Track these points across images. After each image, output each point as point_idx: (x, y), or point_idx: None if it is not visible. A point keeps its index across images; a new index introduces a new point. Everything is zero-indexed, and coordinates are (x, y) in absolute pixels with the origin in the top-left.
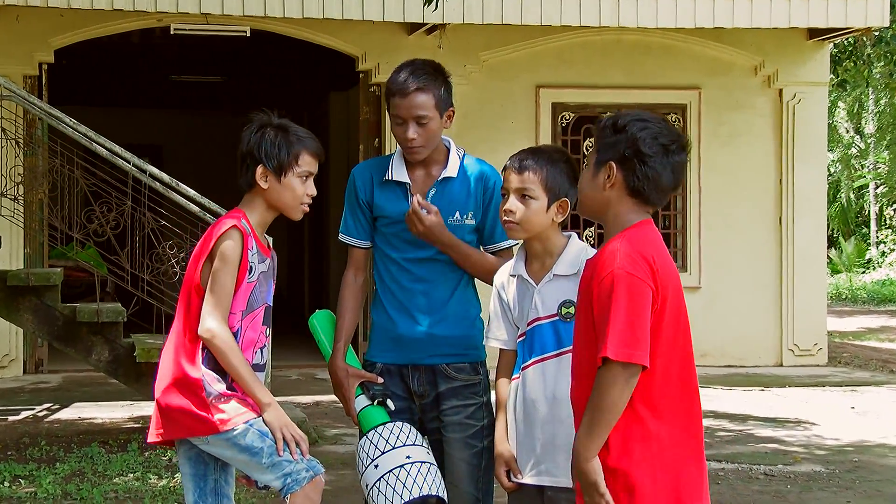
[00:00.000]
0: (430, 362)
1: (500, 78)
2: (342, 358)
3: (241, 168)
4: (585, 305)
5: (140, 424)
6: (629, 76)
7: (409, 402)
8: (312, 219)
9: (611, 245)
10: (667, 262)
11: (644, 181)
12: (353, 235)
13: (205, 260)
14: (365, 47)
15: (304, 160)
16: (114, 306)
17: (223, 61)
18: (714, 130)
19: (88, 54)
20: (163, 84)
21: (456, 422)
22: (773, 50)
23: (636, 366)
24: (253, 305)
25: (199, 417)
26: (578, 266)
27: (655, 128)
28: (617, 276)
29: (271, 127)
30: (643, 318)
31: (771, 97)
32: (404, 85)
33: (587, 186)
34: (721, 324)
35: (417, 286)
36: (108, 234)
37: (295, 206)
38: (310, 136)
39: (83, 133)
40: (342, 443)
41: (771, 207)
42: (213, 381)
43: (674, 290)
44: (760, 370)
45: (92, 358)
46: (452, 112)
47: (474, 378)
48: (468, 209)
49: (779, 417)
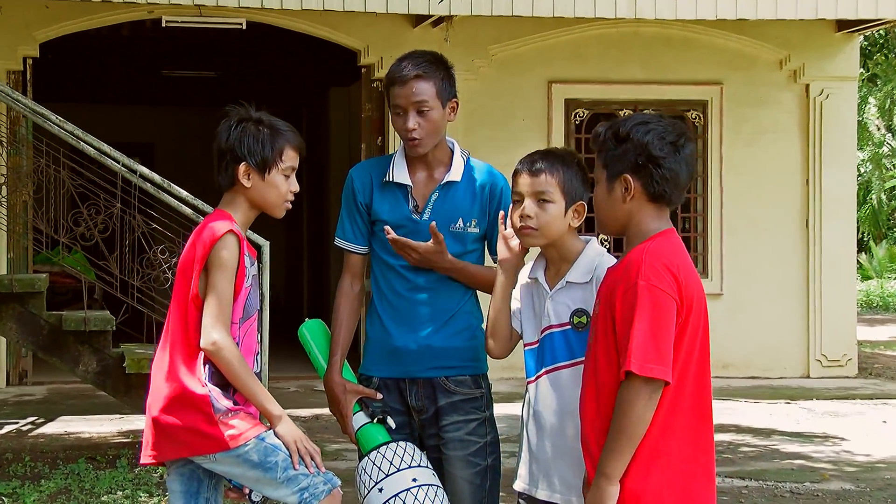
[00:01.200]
0: (429, 375)
1: (510, 73)
2: (338, 372)
3: (219, 166)
4: (605, 317)
5: (130, 439)
6: (647, 71)
7: (408, 418)
8: (312, 221)
9: (634, 255)
10: (691, 273)
11: (664, 184)
12: (350, 240)
13: (201, 268)
14: (367, 40)
15: (287, 155)
16: (102, 314)
17: (218, 55)
18: (737, 128)
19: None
20: (154, 80)
21: (457, 438)
22: (799, 43)
23: (659, 381)
24: (249, 312)
25: (208, 435)
26: (592, 273)
27: (658, 127)
28: (641, 288)
29: (251, 121)
30: (667, 331)
31: (797, 93)
32: (403, 72)
33: (604, 205)
34: (744, 333)
35: (416, 295)
36: (96, 237)
37: (279, 204)
38: (291, 129)
39: (70, 131)
40: (343, 458)
41: (797, 210)
42: (220, 397)
43: (698, 304)
44: (786, 382)
45: (79, 369)
46: (456, 104)
47: (476, 392)
48: (472, 216)
49: (806, 432)
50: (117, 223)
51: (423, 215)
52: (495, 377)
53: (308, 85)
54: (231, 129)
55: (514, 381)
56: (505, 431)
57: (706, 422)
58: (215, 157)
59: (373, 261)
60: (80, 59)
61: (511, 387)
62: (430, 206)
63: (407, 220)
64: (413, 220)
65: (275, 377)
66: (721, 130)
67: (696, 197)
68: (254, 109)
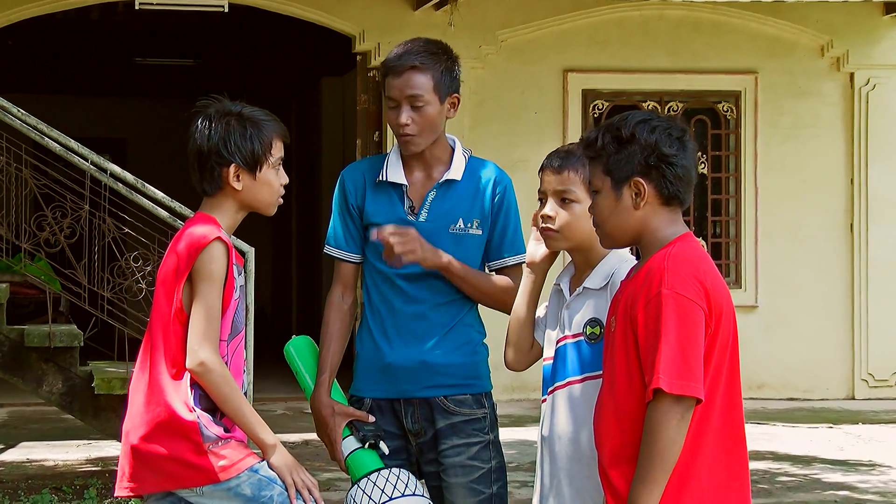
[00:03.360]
0: (426, 395)
1: (522, 60)
2: (327, 393)
3: (201, 170)
4: (625, 333)
5: (99, 467)
6: (673, 58)
7: (404, 442)
8: (301, 226)
9: (654, 263)
10: (718, 280)
11: (677, 184)
12: (342, 247)
13: (185, 279)
14: (363, 25)
15: (276, 147)
16: (69, 329)
17: (197, 42)
18: (773, 122)
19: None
20: (126, 68)
21: (458, 464)
22: (842, 27)
23: (690, 399)
24: (238, 328)
25: (196, 466)
26: (608, 279)
27: (662, 123)
28: (665, 297)
29: (232, 116)
30: (696, 344)
31: (840, 82)
32: (398, 62)
33: (611, 215)
34: (782, 349)
35: (412, 308)
36: (62, 243)
37: (272, 201)
38: (273, 117)
39: (33, 125)
40: (337, 488)
41: (840, 212)
42: (210, 423)
43: (727, 313)
44: (828, 404)
45: (43, 389)
46: (457, 99)
47: (478, 412)
48: (473, 216)
49: (850, 460)
50: (85, 227)
51: (419, 216)
52: (504, 398)
53: (297, 74)
54: (212, 128)
55: (525, 402)
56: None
57: (739, 445)
58: (195, 162)
59: (365, 270)
60: (44, 46)
61: (522, 409)
62: (427, 206)
63: (401, 222)
64: (408, 222)
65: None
66: (756, 124)
67: (729, 198)
68: (229, 101)
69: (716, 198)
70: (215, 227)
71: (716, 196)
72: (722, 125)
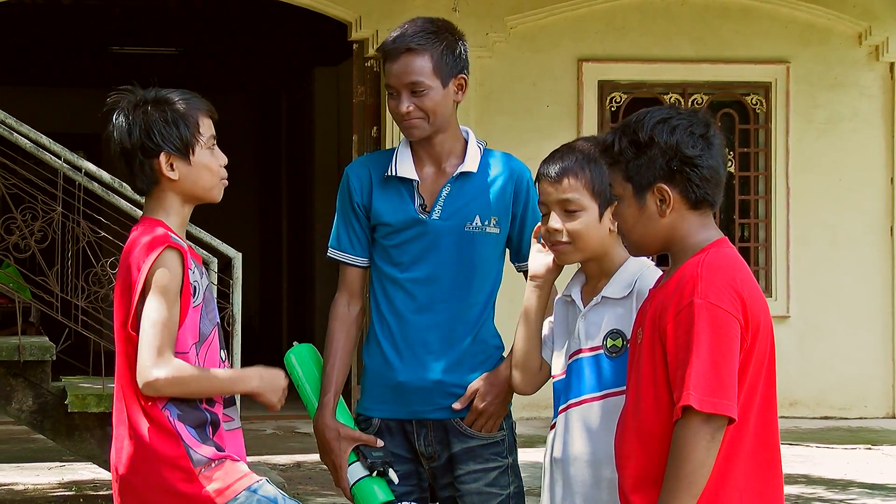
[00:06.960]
0: (440, 416)
1: (533, 49)
2: (331, 415)
3: (131, 168)
4: (652, 345)
5: (73, 491)
6: (698, 47)
7: (415, 465)
8: (292, 230)
9: (687, 270)
10: (755, 290)
11: (705, 186)
12: (346, 250)
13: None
14: (360, 10)
15: (204, 125)
16: (40, 341)
17: (178, 29)
18: (807, 116)
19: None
20: (102, 58)
21: (474, 490)
22: (882, 13)
23: (722, 418)
24: (205, 332)
25: (188, 495)
26: (632, 287)
27: (683, 121)
28: (698, 307)
29: (148, 104)
30: (731, 359)
31: (880, 73)
32: (392, 46)
33: (637, 224)
34: (817, 364)
35: (424, 318)
36: (32, 248)
37: (216, 184)
38: (193, 94)
39: (1, 120)
40: None
41: (881, 214)
42: (197, 445)
43: (764, 326)
44: (867, 423)
45: (11, 407)
46: (464, 80)
47: (497, 435)
48: (491, 213)
49: (890, 484)
50: (58, 231)
51: (431, 214)
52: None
53: (288, 64)
54: (130, 121)
55: (537, 421)
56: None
57: (773, 470)
58: (121, 160)
59: (374, 275)
60: (12, 34)
61: (534, 428)
62: (441, 202)
63: (413, 222)
64: (420, 221)
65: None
66: (788, 119)
67: (758, 199)
68: (140, 88)
69: (744, 198)
70: (163, 230)
71: (744, 197)
72: (751, 119)
